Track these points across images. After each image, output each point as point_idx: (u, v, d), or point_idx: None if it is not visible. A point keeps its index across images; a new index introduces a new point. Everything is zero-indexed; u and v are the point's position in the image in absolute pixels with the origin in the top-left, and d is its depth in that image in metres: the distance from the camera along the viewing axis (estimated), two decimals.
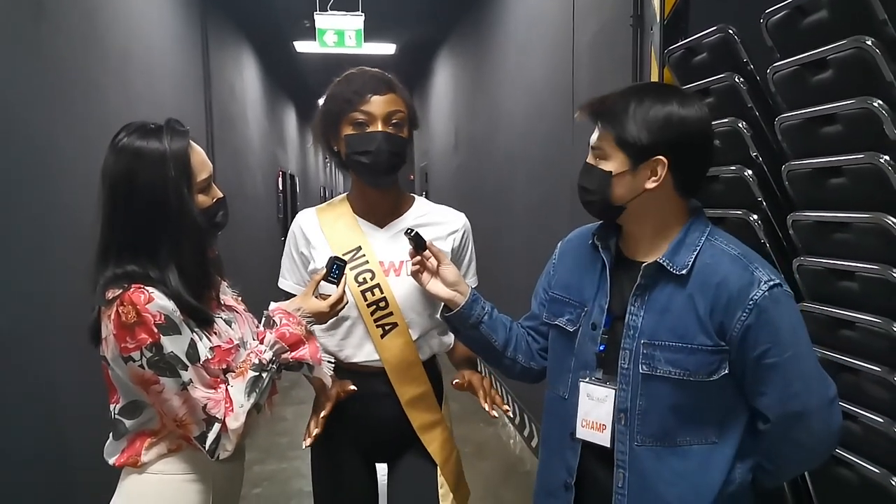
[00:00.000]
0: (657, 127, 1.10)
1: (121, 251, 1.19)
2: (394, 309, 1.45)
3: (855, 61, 1.21)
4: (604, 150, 1.16)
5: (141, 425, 1.23)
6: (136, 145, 1.18)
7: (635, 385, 1.15)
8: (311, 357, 1.27)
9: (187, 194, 1.19)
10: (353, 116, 1.42)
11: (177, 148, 1.19)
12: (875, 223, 1.21)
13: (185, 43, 4.32)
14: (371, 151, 1.42)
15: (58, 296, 2.33)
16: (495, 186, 4.53)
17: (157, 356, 1.14)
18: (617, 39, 2.39)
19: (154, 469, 1.23)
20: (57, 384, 2.30)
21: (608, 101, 1.16)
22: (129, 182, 1.17)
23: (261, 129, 7.32)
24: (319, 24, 5.25)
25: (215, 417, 1.18)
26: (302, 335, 1.27)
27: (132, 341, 1.13)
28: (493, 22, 4.58)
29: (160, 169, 1.17)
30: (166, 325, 1.14)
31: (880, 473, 1.21)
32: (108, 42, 2.97)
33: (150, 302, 1.13)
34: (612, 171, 1.14)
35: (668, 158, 1.11)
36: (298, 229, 1.55)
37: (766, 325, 1.08)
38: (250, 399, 1.20)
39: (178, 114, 1.37)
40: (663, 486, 1.14)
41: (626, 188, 1.14)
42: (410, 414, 1.49)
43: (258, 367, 1.22)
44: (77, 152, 2.52)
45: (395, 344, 1.46)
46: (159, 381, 1.15)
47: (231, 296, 1.40)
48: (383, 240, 1.51)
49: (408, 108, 1.47)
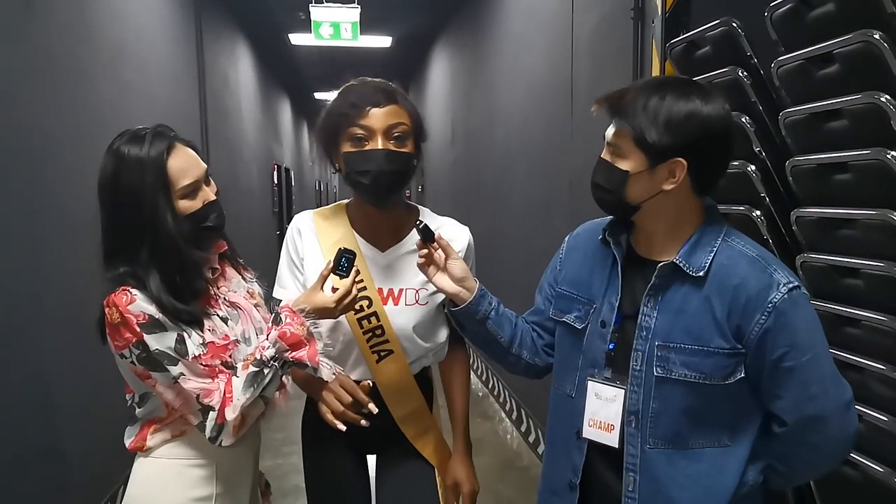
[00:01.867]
0: (678, 127, 1.06)
1: (115, 252, 1.23)
2: (390, 337, 1.41)
3: (862, 56, 1.20)
4: (621, 147, 1.11)
5: (149, 413, 1.29)
6: (120, 151, 1.22)
7: (648, 387, 1.13)
8: (310, 359, 1.25)
9: (163, 201, 1.21)
10: (351, 132, 1.33)
11: (154, 155, 1.21)
12: (881, 220, 1.20)
13: (178, 34, 4.28)
14: (370, 171, 1.33)
15: (48, 289, 2.31)
16: (493, 181, 4.51)
17: (145, 353, 1.18)
18: (617, 32, 2.37)
19: (158, 453, 1.28)
20: (46, 376, 2.28)
21: (627, 96, 1.11)
22: (113, 187, 1.22)
23: (255, 123, 7.28)
24: (315, 16, 5.21)
25: (210, 406, 1.21)
26: (302, 336, 1.25)
27: (121, 340, 1.18)
28: (490, 14, 4.55)
29: (137, 175, 1.20)
30: (149, 323, 1.18)
31: (884, 472, 1.21)
32: (99, 34, 2.92)
33: (132, 303, 1.17)
34: (629, 170, 1.10)
35: (687, 160, 1.07)
36: (297, 232, 1.48)
37: (784, 328, 1.06)
38: (247, 393, 1.22)
39: (171, 106, 1.36)
40: (676, 489, 1.12)
41: (642, 188, 1.11)
42: (403, 427, 1.47)
43: (259, 363, 1.24)
44: (68, 145, 2.49)
45: (390, 369, 1.44)
46: (151, 375, 1.20)
47: (246, 290, 1.40)
48: (383, 265, 1.44)
49: (412, 120, 1.37)
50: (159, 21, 3.87)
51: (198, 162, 1.28)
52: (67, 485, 2.36)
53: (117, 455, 1.29)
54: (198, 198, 1.27)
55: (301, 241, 1.47)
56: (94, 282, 1.25)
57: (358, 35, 5.33)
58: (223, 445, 1.23)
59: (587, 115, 3.01)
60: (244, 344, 1.31)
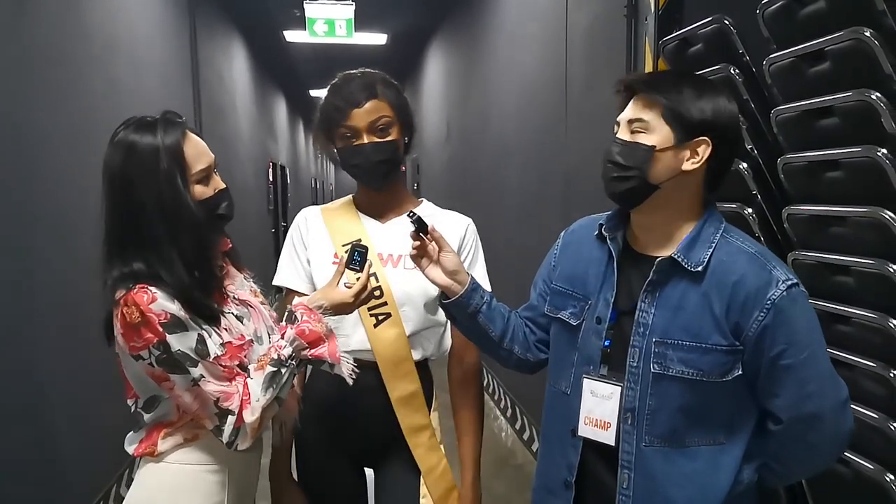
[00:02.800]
0: (710, 107, 1.09)
1: (125, 248, 1.19)
2: (388, 299, 1.45)
3: (853, 53, 1.20)
4: (647, 122, 1.10)
5: (159, 417, 1.24)
6: (130, 139, 1.18)
7: (645, 384, 1.12)
8: (330, 356, 1.25)
9: (182, 185, 1.19)
10: (339, 132, 1.45)
11: (170, 141, 1.19)
12: (872, 217, 1.20)
13: (172, 31, 4.26)
14: (360, 164, 1.46)
15: (41, 288, 2.30)
16: (487, 178, 4.51)
17: (165, 354, 1.14)
18: (611, 30, 2.37)
19: (171, 458, 1.23)
20: (38, 376, 2.27)
21: (657, 76, 1.15)
22: (124, 176, 1.17)
23: (251, 120, 7.25)
24: (309, 13, 5.19)
25: (228, 410, 1.18)
26: (322, 333, 1.25)
27: (139, 341, 1.14)
28: (485, 11, 4.54)
29: (153, 162, 1.17)
30: (171, 322, 1.14)
31: (875, 469, 1.21)
32: (92, 30, 2.91)
33: (154, 302, 1.13)
34: (655, 145, 1.10)
35: (712, 142, 1.09)
36: (304, 220, 1.56)
37: (783, 326, 1.06)
38: (267, 394, 1.20)
39: (164, 103, 1.35)
40: (671, 487, 1.11)
41: (665, 165, 1.10)
42: (399, 412, 1.47)
43: (276, 363, 1.22)
44: (61, 142, 2.48)
45: (388, 335, 1.45)
46: (169, 378, 1.16)
47: (248, 288, 1.39)
48: (383, 232, 1.51)
49: (394, 110, 1.46)
50: (152, 17, 3.85)
51: (207, 149, 1.27)
52: (60, 485, 2.35)
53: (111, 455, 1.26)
54: (210, 185, 1.26)
55: (308, 231, 1.54)
56: (89, 280, 1.22)
57: (353, 32, 5.32)
58: (239, 449, 1.20)
59: (581, 113, 3.03)
60: (257, 343, 1.29)
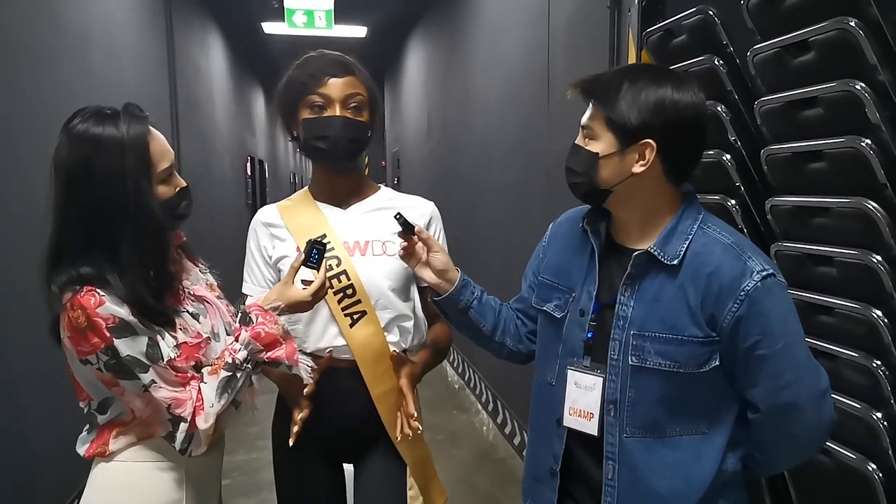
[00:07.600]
0: (648, 109, 1.07)
1: (75, 249, 1.12)
2: (362, 296, 1.42)
3: (838, 43, 1.20)
4: (593, 129, 1.12)
5: (112, 418, 1.20)
6: (91, 132, 1.10)
7: (624, 376, 1.13)
8: (288, 358, 1.22)
9: (147, 186, 1.13)
10: (311, 99, 1.40)
11: (135, 135, 1.12)
12: (855, 208, 1.20)
13: (148, 21, 4.17)
14: (328, 137, 1.39)
15: (14, 288, 2.23)
16: (469, 172, 4.49)
17: (114, 360, 1.09)
18: (594, 21, 2.36)
19: (123, 457, 1.19)
20: (7, 374, 2.21)
21: (601, 79, 1.13)
22: (85, 173, 1.10)
23: (228, 113, 7.15)
24: (288, 3, 5.13)
25: (181, 417, 1.14)
26: (278, 335, 1.22)
27: (87, 345, 1.09)
28: (467, 3, 4.51)
29: (118, 158, 1.10)
30: (119, 327, 1.08)
31: (857, 459, 1.22)
32: (65, 19, 2.83)
33: (101, 305, 1.07)
34: (599, 152, 1.11)
35: (657, 143, 1.07)
36: (259, 224, 1.51)
37: (757, 316, 1.06)
38: (221, 399, 1.16)
39: (140, 95, 1.31)
40: (654, 477, 1.12)
41: (612, 171, 1.11)
42: (380, 406, 1.44)
43: (231, 367, 1.18)
44: (31, 135, 2.40)
45: (364, 334, 1.42)
46: (118, 383, 1.12)
47: (204, 282, 1.34)
48: (345, 220, 1.47)
49: (368, 93, 1.43)
50: (128, 7, 3.77)
51: (168, 146, 1.21)
52: (38, 485, 2.31)
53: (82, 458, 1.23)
54: (171, 184, 1.20)
55: (266, 232, 1.50)
56: None
57: (332, 24, 5.27)
58: (192, 455, 1.17)
59: (563, 105, 3.02)
60: (214, 341, 1.24)
